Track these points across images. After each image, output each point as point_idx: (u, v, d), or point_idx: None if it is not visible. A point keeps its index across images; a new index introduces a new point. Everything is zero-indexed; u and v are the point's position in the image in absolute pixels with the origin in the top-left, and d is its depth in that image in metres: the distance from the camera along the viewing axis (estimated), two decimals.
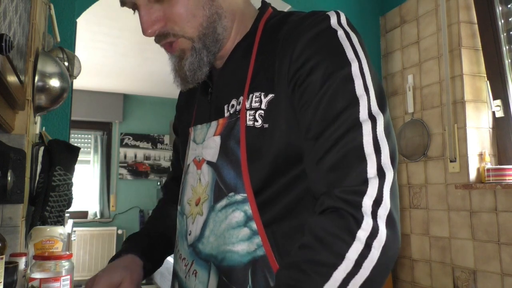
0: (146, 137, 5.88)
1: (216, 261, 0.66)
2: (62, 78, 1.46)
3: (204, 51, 0.69)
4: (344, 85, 0.59)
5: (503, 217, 1.99)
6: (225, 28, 0.70)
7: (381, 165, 0.56)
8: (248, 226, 0.64)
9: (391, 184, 0.56)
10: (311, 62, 0.61)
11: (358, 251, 0.52)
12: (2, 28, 0.81)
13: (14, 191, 1.15)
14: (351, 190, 0.55)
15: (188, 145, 0.80)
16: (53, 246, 1.18)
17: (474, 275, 2.13)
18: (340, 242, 0.52)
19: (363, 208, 0.53)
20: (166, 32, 0.68)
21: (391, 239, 0.54)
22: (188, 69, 0.70)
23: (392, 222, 0.54)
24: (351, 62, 0.60)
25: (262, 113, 0.65)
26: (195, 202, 0.73)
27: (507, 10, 2.15)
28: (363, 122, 0.57)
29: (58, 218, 1.46)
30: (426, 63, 2.45)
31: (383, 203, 0.54)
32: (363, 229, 0.53)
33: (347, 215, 0.54)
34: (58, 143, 1.51)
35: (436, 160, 2.36)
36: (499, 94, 2.15)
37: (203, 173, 0.72)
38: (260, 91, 0.66)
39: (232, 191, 0.66)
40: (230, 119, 0.69)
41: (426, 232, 2.43)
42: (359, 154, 0.56)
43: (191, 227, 0.72)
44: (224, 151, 0.68)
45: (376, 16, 2.83)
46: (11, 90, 0.95)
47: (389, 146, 0.58)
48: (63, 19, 2.12)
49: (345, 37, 0.62)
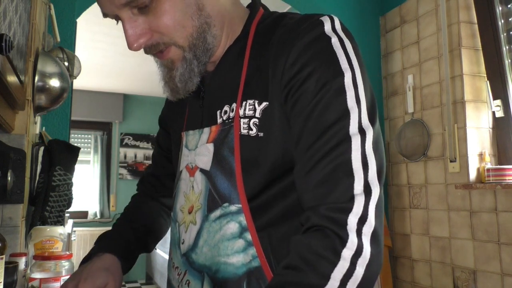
0: (146, 137, 5.88)
1: (210, 272, 0.65)
2: (62, 78, 1.46)
3: (195, 61, 0.67)
4: (335, 97, 0.58)
5: (503, 217, 1.99)
6: (215, 36, 0.68)
7: (368, 182, 0.55)
8: (243, 237, 0.63)
9: (377, 200, 0.56)
10: (304, 72, 0.60)
11: (343, 270, 0.52)
12: (2, 28, 0.81)
13: (14, 191, 1.15)
14: (337, 207, 0.54)
15: (180, 150, 0.78)
16: (53, 246, 1.18)
17: (474, 275, 2.13)
18: (325, 262, 0.52)
19: (348, 226, 0.53)
20: (155, 43, 0.66)
21: (375, 256, 0.54)
22: (179, 81, 0.68)
23: (376, 239, 0.54)
24: (344, 72, 0.59)
25: (257, 121, 0.63)
26: (188, 210, 0.72)
27: (507, 10, 2.15)
28: (352, 136, 0.57)
29: (58, 218, 1.46)
30: (426, 63, 2.45)
31: (368, 221, 0.54)
32: (348, 248, 0.52)
33: (332, 234, 0.53)
34: (58, 143, 1.51)
35: (436, 160, 2.36)
36: (499, 94, 2.15)
37: (196, 181, 0.70)
38: (254, 99, 0.64)
39: (227, 201, 0.65)
40: (223, 126, 0.67)
41: (426, 232, 2.43)
42: (347, 169, 0.55)
43: (184, 236, 0.71)
44: (218, 160, 0.67)
45: (376, 16, 2.83)
46: (11, 90, 0.95)
47: (376, 161, 0.57)
48: (63, 19, 2.12)
49: (339, 45, 0.61)
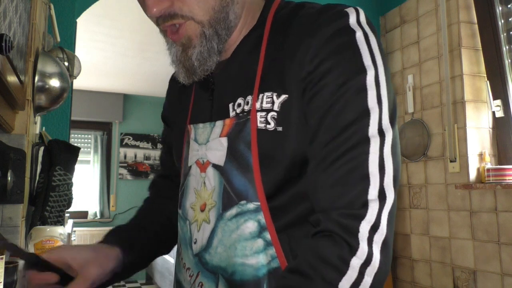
0: (146, 137, 5.88)
1: (226, 274, 0.62)
2: (62, 78, 1.46)
3: (215, 37, 0.63)
4: (356, 95, 0.55)
5: (503, 217, 1.99)
6: (236, 15, 0.64)
7: (383, 187, 0.53)
8: (262, 237, 0.60)
9: (391, 207, 0.54)
10: (325, 65, 0.57)
11: (351, 280, 0.51)
12: (2, 28, 0.81)
13: (14, 191, 1.15)
14: (350, 213, 0.52)
15: (187, 144, 0.73)
16: (53, 246, 1.18)
17: (474, 275, 2.13)
18: (334, 271, 0.51)
19: (360, 234, 0.51)
20: (173, 13, 0.61)
21: (384, 265, 0.52)
22: (196, 59, 0.63)
23: (387, 247, 0.53)
24: (367, 69, 0.56)
25: (275, 115, 0.60)
26: (200, 208, 0.67)
27: (507, 10, 2.15)
28: (371, 137, 0.54)
29: (58, 218, 1.46)
30: (426, 63, 2.45)
31: (380, 229, 0.52)
32: (358, 257, 0.51)
33: (342, 242, 0.52)
34: (58, 143, 1.51)
35: (436, 160, 2.36)
36: (499, 94, 2.15)
37: (208, 177, 0.66)
38: (272, 91, 0.60)
39: (244, 199, 0.61)
40: (238, 120, 0.63)
41: (426, 232, 2.43)
42: (362, 172, 0.53)
43: (197, 235, 0.67)
44: (233, 155, 0.63)
45: (376, 16, 2.83)
46: (11, 90, 0.95)
47: (393, 166, 0.55)
48: (63, 19, 2.12)
49: (363, 40, 0.58)
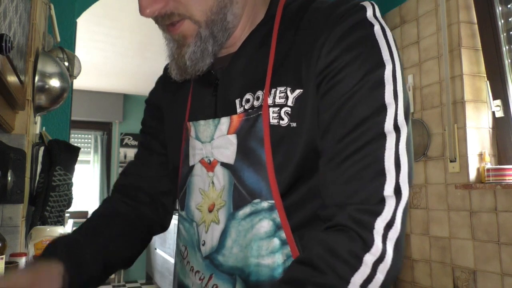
0: None
1: (243, 274, 0.60)
2: (62, 78, 1.46)
3: (211, 40, 0.61)
4: (374, 90, 0.54)
5: (503, 217, 1.99)
6: (236, 15, 0.62)
7: (399, 183, 0.53)
8: (277, 236, 0.58)
9: (405, 204, 0.53)
10: (343, 59, 0.55)
11: (364, 276, 0.50)
12: (2, 28, 0.81)
13: (14, 191, 1.15)
14: (366, 209, 0.52)
15: (186, 143, 0.70)
16: None
17: (474, 275, 2.13)
18: (347, 267, 0.50)
19: (375, 230, 0.51)
20: (169, 12, 0.59)
21: (396, 262, 0.52)
22: (188, 58, 0.61)
23: (400, 244, 0.52)
24: (386, 64, 0.55)
25: (289, 110, 0.58)
26: (208, 208, 0.65)
27: (507, 10, 2.15)
28: (387, 133, 0.53)
29: (58, 218, 1.46)
30: (426, 63, 2.45)
31: (395, 226, 0.52)
32: (372, 254, 0.50)
33: (356, 237, 0.51)
34: (58, 143, 1.51)
35: (436, 160, 2.36)
36: (499, 94, 2.15)
37: (217, 176, 0.64)
38: (286, 86, 0.59)
39: (257, 197, 0.59)
40: (248, 115, 0.61)
41: (426, 232, 2.43)
42: (379, 168, 0.52)
43: (205, 237, 0.65)
44: (243, 152, 0.61)
45: None
46: (11, 90, 0.95)
47: (408, 162, 0.54)
48: (63, 19, 2.12)
49: (381, 34, 0.57)
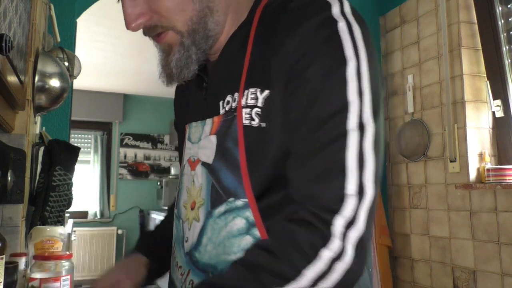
0: (146, 137, 5.88)
1: (215, 271, 0.62)
2: (62, 78, 1.46)
3: (193, 47, 0.64)
4: (336, 88, 0.54)
5: (503, 217, 1.99)
6: (217, 23, 0.65)
7: (362, 182, 0.52)
8: (250, 234, 0.59)
9: (369, 205, 0.52)
10: (306, 58, 0.56)
11: (318, 271, 0.50)
12: (2, 28, 0.81)
13: (14, 191, 1.15)
14: (325, 206, 0.52)
15: (184, 144, 0.75)
16: (53, 246, 1.18)
17: (474, 275, 2.13)
18: (302, 258, 0.50)
19: (334, 227, 0.51)
20: (153, 25, 0.63)
21: (356, 264, 0.51)
22: (174, 66, 0.65)
23: (362, 246, 0.51)
24: (348, 60, 0.55)
25: (259, 111, 0.59)
26: (191, 206, 0.68)
27: (507, 10, 2.15)
28: (350, 131, 0.53)
29: (58, 218, 1.46)
30: (426, 63, 2.45)
31: (357, 226, 0.51)
32: (329, 249, 0.50)
33: (317, 232, 0.51)
34: (58, 143, 1.51)
35: (436, 160, 2.36)
36: (499, 94, 2.15)
37: (197, 175, 0.67)
38: (256, 87, 0.60)
39: (232, 196, 0.61)
40: (226, 117, 0.63)
41: (426, 232, 2.43)
42: (340, 167, 0.52)
43: (188, 234, 0.68)
44: (221, 152, 0.63)
45: (376, 16, 2.83)
46: (11, 90, 0.95)
47: (375, 161, 0.53)
48: (63, 19, 2.12)
49: (346, 30, 0.57)
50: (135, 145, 5.82)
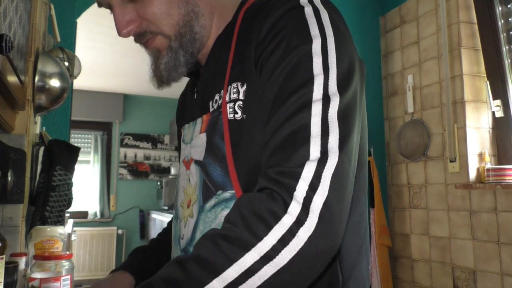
0: (146, 137, 5.88)
1: None
2: (62, 78, 1.46)
3: (181, 50, 0.68)
4: (301, 63, 0.55)
5: (503, 217, 1.99)
6: (203, 26, 0.68)
7: (326, 148, 0.51)
8: None
9: (335, 169, 0.50)
10: (273, 42, 0.57)
11: (279, 236, 0.48)
12: (2, 28, 0.81)
13: (14, 191, 1.15)
14: (286, 171, 0.50)
15: (180, 147, 0.79)
16: (53, 246, 1.18)
17: (474, 275, 2.13)
18: (262, 224, 0.48)
19: (296, 192, 0.49)
20: (143, 31, 0.67)
21: (322, 231, 0.48)
22: (163, 69, 0.69)
23: (328, 212, 0.48)
24: (313, 38, 0.56)
25: (241, 104, 0.62)
26: (187, 204, 0.70)
27: (507, 10, 2.15)
28: (314, 102, 0.53)
29: (58, 218, 1.46)
30: (426, 63, 2.45)
31: (320, 189, 0.49)
32: (290, 214, 0.48)
33: (278, 197, 0.50)
34: (58, 143, 1.51)
35: (436, 160, 2.36)
36: (499, 94, 2.15)
37: (192, 174, 0.69)
38: (237, 81, 0.63)
39: (220, 188, 0.63)
40: (213, 114, 0.66)
41: (426, 232, 2.43)
42: (303, 135, 0.51)
43: (184, 231, 0.70)
44: (210, 148, 0.65)
45: (376, 16, 2.83)
46: (11, 90, 0.95)
47: (340, 129, 0.52)
48: (63, 19, 2.12)
49: (312, 14, 0.58)
50: (135, 145, 5.82)
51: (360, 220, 0.66)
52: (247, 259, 0.48)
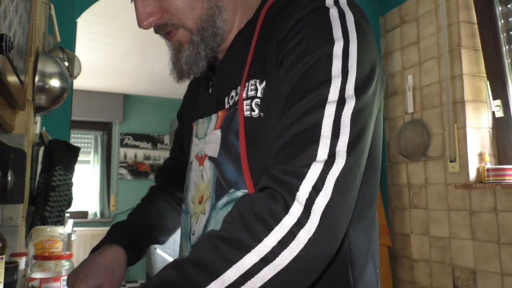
0: (146, 137, 5.88)
1: None
2: (62, 78, 1.46)
3: (202, 44, 0.67)
4: (320, 64, 0.54)
5: (503, 217, 1.99)
6: (226, 21, 0.68)
7: (334, 150, 0.50)
8: None
9: (341, 172, 0.49)
10: (294, 41, 0.57)
11: (279, 237, 0.47)
12: (2, 28, 0.81)
13: (14, 191, 1.15)
14: (291, 171, 0.49)
15: (191, 140, 0.77)
16: (53, 246, 1.18)
17: (474, 275, 2.13)
18: (261, 225, 0.47)
19: (299, 192, 0.48)
20: (164, 23, 0.66)
21: (322, 234, 0.47)
22: (184, 63, 0.68)
23: (330, 215, 0.48)
24: (336, 40, 0.55)
25: (259, 101, 0.61)
26: (199, 200, 0.70)
27: (507, 10, 2.15)
28: (328, 103, 0.51)
29: (58, 218, 1.46)
30: (426, 63, 2.45)
31: (324, 192, 0.48)
32: (291, 215, 0.47)
33: (279, 198, 0.49)
34: (58, 143, 1.51)
35: (436, 160, 2.36)
36: (499, 94, 2.15)
37: (205, 170, 0.69)
38: (256, 78, 0.62)
39: (233, 187, 0.62)
40: (229, 110, 0.66)
41: (426, 232, 2.43)
42: (313, 135, 0.50)
43: (195, 227, 0.69)
44: (225, 145, 0.65)
45: (376, 16, 2.83)
46: (11, 90, 0.95)
47: (351, 132, 0.51)
48: (63, 19, 2.12)
49: (337, 16, 0.57)
50: (135, 145, 5.82)
51: (371, 225, 0.66)
52: (246, 261, 0.47)
